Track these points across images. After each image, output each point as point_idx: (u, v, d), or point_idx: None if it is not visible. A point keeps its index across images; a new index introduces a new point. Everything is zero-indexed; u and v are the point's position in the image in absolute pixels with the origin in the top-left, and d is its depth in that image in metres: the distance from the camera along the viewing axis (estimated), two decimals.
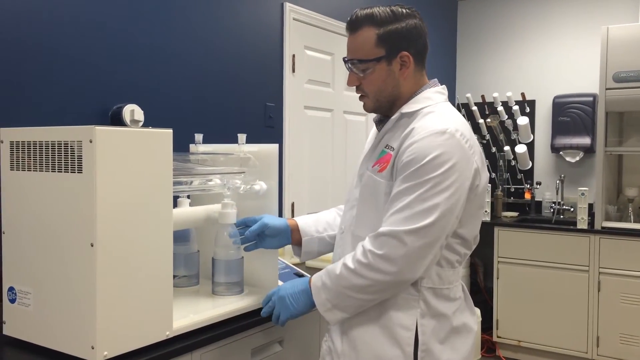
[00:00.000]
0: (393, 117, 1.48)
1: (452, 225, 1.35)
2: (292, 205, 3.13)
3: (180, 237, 1.74)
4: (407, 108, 1.45)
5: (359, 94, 1.51)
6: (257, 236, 1.64)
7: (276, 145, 1.80)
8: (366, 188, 1.47)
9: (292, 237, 1.66)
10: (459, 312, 1.45)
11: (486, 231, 4.04)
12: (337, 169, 3.49)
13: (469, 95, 4.59)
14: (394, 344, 1.38)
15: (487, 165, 4.52)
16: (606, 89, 3.65)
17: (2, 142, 1.43)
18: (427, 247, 1.32)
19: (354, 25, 1.45)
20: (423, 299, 1.39)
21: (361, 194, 1.49)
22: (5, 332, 1.44)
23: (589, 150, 4.20)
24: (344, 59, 1.49)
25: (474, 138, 1.42)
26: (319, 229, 1.67)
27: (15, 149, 1.40)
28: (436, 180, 1.31)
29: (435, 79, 1.53)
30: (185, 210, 1.68)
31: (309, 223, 1.69)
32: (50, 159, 1.32)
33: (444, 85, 1.52)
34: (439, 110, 1.42)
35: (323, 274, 1.42)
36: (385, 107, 1.49)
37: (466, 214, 1.40)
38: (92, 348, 1.25)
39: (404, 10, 1.45)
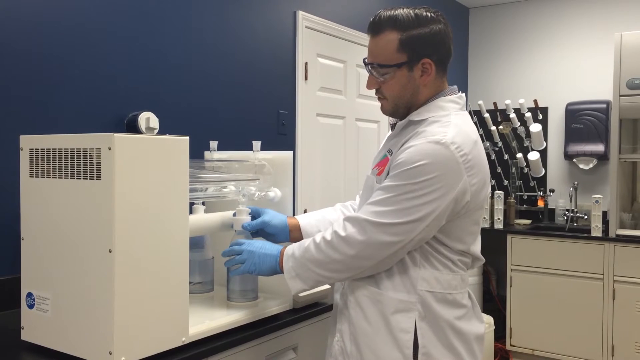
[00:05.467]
0: (400, 123, 1.48)
1: (423, 232, 1.34)
2: (305, 212, 3.13)
3: (195, 243, 1.75)
4: (415, 116, 1.45)
5: (378, 96, 1.50)
6: (256, 232, 1.64)
7: (290, 153, 1.81)
8: (366, 189, 1.52)
9: (292, 236, 1.65)
10: (466, 320, 1.45)
11: (499, 239, 4.02)
12: (349, 176, 3.50)
13: (481, 102, 4.58)
14: (394, 346, 1.39)
15: (500, 173, 4.56)
16: (620, 95, 3.63)
17: (21, 149, 1.45)
18: (386, 244, 1.34)
19: (376, 28, 1.43)
20: (421, 302, 1.39)
21: (362, 195, 1.54)
22: (24, 337, 1.45)
23: (602, 158, 4.17)
24: (364, 60, 1.47)
25: (477, 152, 1.38)
26: (320, 228, 1.65)
27: (34, 156, 1.42)
28: (415, 186, 1.32)
29: (455, 86, 1.50)
30: (201, 217, 1.69)
31: (312, 223, 1.68)
32: (69, 165, 1.34)
33: (460, 94, 1.49)
34: (445, 120, 1.40)
35: (296, 245, 1.47)
36: (402, 112, 1.48)
37: (461, 230, 1.41)
38: (110, 354, 1.26)
39: (428, 14, 1.41)
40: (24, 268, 1.46)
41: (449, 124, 1.38)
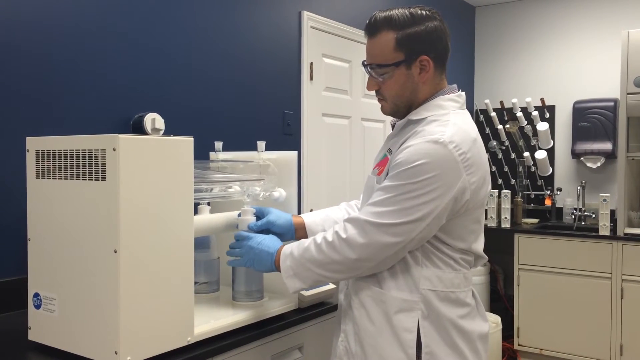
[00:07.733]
0: (399, 122, 1.49)
1: (424, 232, 1.34)
2: (311, 212, 3.13)
3: (201, 243, 1.76)
4: (414, 115, 1.45)
5: (378, 97, 1.51)
6: (261, 232, 1.64)
7: (295, 153, 1.81)
8: (367, 189, 1.52)
9: (297, 235, 1.65)
10: (469, 318, 1.44)
11: (506, 238, 4.01)
12: (355, 176, 3.49)
13: (487, 101, 4.56)
14: (398, 346, 1.39)
15: (507, 172, 4.53)
16: (627, 93, 3.61)
17: (28, 150, 1.46)
18: (387, 245, 1.34)
19: (372, 29, 1.44)
20: (424, 301, 1.39)
21: (364, 195, 1.55)
22: (31, 337, 1.46)
23: (610, 156, 4.15)
24: (363, 62, 1.48)
25: (476, 150, 1.38)
26: (325, 227, 1.66)
27: (40, 158, 1.43)
28: (415, 186, 1.32)
29: (454, 85, 1.50)
30: (206, 217, 1.69)
31: (317, 221, 1.69)
32: (74, 167, 1.35)
33: (460, 93, 1.49)
34: (444, 118, 1.40)
35: (295, 244, 1.47)
36: (403, 112, 1.48)
37: (462, 228, 1.41)
38: (116, 353, 1.27)
39: (423, 12, 1.43)
40: (30, 269, 1.47)
41: (448, 123, 1.38)
